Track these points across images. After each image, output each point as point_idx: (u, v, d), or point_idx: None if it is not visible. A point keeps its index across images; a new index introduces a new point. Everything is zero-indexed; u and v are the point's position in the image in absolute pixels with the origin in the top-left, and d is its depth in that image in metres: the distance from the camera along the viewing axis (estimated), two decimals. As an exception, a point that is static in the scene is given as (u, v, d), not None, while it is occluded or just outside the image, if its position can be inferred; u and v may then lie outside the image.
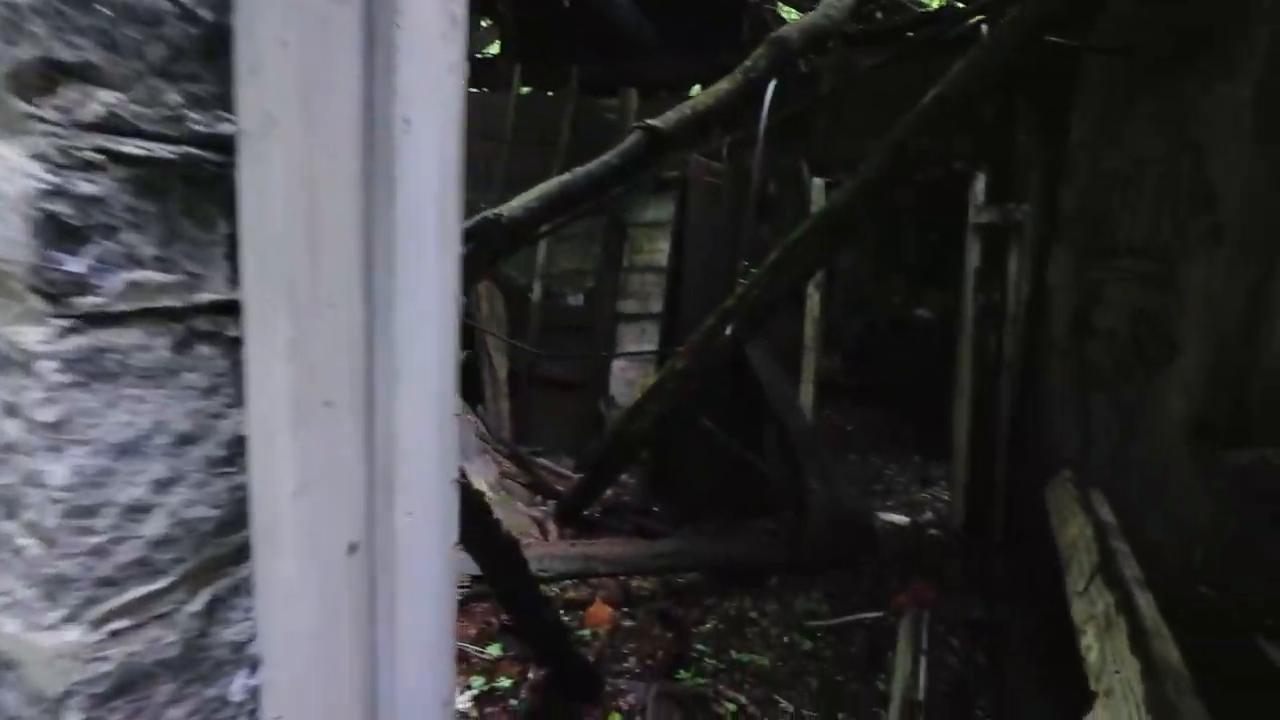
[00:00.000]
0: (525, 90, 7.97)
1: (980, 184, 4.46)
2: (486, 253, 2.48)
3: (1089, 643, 1.81)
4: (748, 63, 2.83)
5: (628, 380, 5.47)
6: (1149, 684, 1.48)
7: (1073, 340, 3.63)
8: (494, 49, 8.02)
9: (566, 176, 2.60)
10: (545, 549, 3.02)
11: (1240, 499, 2.34)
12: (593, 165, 2.57)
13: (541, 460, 4.81)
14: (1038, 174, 4.23)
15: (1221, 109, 2.58)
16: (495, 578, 2.25)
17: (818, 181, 5.13)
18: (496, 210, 2.42)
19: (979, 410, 4.14)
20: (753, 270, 3.55)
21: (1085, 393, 3.38)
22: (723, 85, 2.75)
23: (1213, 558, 2.35)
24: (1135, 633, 1.67)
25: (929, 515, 4.72)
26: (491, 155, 6.13)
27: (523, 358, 5.57)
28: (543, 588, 2.74)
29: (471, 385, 5.41)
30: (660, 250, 5.48)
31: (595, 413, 5.38)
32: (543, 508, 4.31)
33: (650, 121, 2.50)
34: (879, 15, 6.01)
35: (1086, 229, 3.67)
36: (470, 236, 2.47)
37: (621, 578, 3.06)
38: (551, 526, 3.90)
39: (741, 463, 4.22)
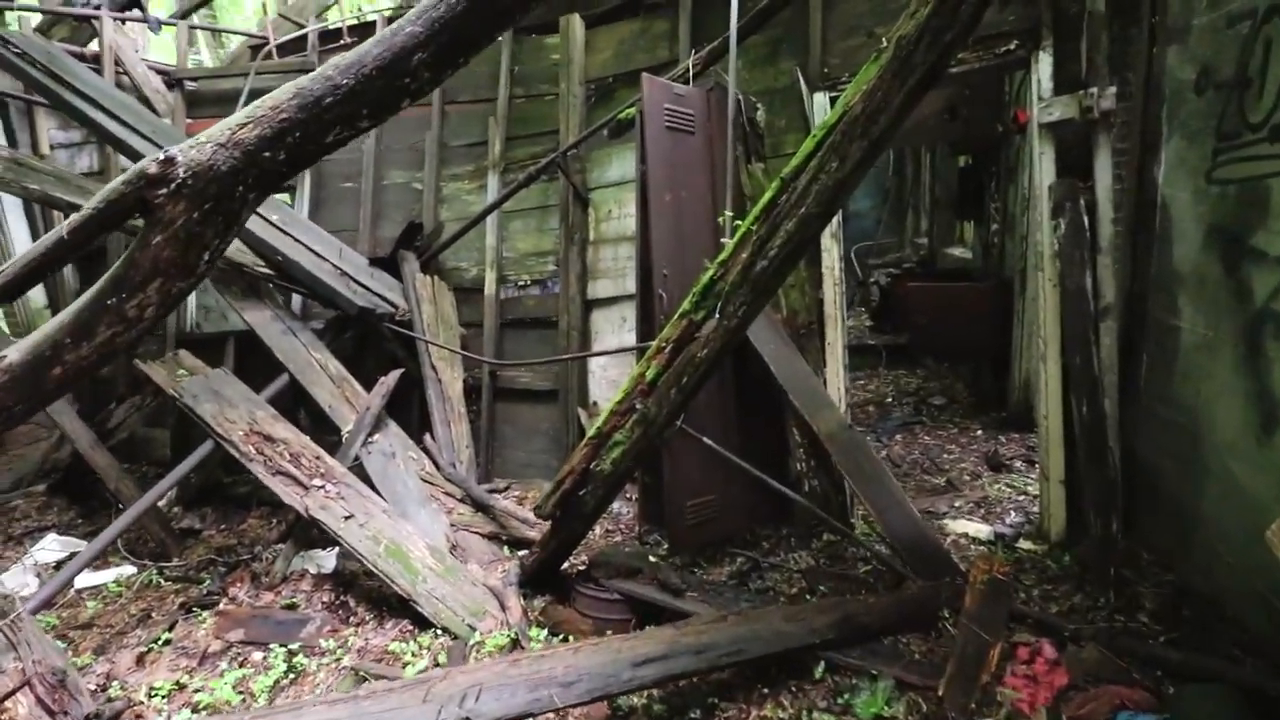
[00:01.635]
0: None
1: (1044, 67, 3.26)
2: None
3: None
4: None
5: (610, 380, 4.41)
6: None
7: (1212, 270, 2.48)
8: None
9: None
10: (472, 676, 2.03)
11: None
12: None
13: (505, 502, 3.81)
14: (1129, 39, 3.04)
15: None
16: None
17: (820, 98, 3.95)
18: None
19: (1071, 378, 3.01)
20: (738, 223, 2.46)
21: (1255, 348, 2.25)
22: None
23: None
24: None
25: (1014, 518, 3.63)
26: (421, 125, 5.03)
27: (478, 366, 4.54)
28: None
29: (417, 407, 4.41)
30: (631, 215, 4.37)
31: (576, 424, 4.35)
32: (506, 567, 3.32)
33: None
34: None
35: (1215, 105, 2.49)
36: None
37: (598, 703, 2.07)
38: (513, 601, 2.91)
39: (751, 482, 3.16)
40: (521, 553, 3.56)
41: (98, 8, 5.09)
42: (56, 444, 4.97)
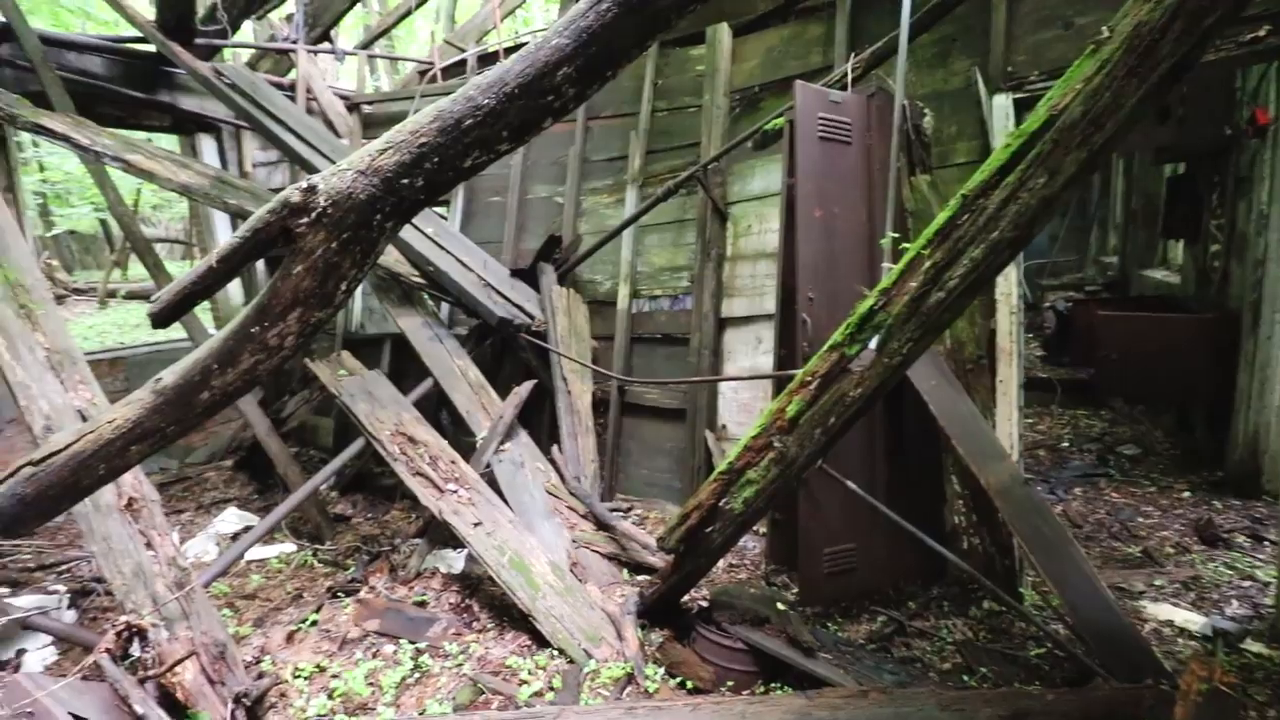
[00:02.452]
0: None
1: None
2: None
3: None
4: None
5: (741, 404, 4.19)
6: None
7: None
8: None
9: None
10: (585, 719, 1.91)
11: None
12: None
13: (628, 523, 3.70)
14: None
15: None
16: None
17: (1000, 100, 3.49)
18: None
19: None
20: (905, 245, 2.15)
21: None
22: None
23: None
24: None
25: (1237, 608, 2.92)
26: (565, 141, 5.13)
27: (608, 380, 4.51)
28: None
29: (547, 418, 4.46)
30: (773, 230, 4.12)
31: (703, 447, 4.17)
32: (624, 593, 3.21)
33: None
34: None
35: None
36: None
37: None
38: (630, 632, 2.78)
39: (898, 532, 2.79)
40: (641, 578, 3.44)
41: (295, 42, 5.74)
42: (243, 425, 5.64)
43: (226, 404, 1.57)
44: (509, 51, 6.08)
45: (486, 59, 6.00)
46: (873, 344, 2.03)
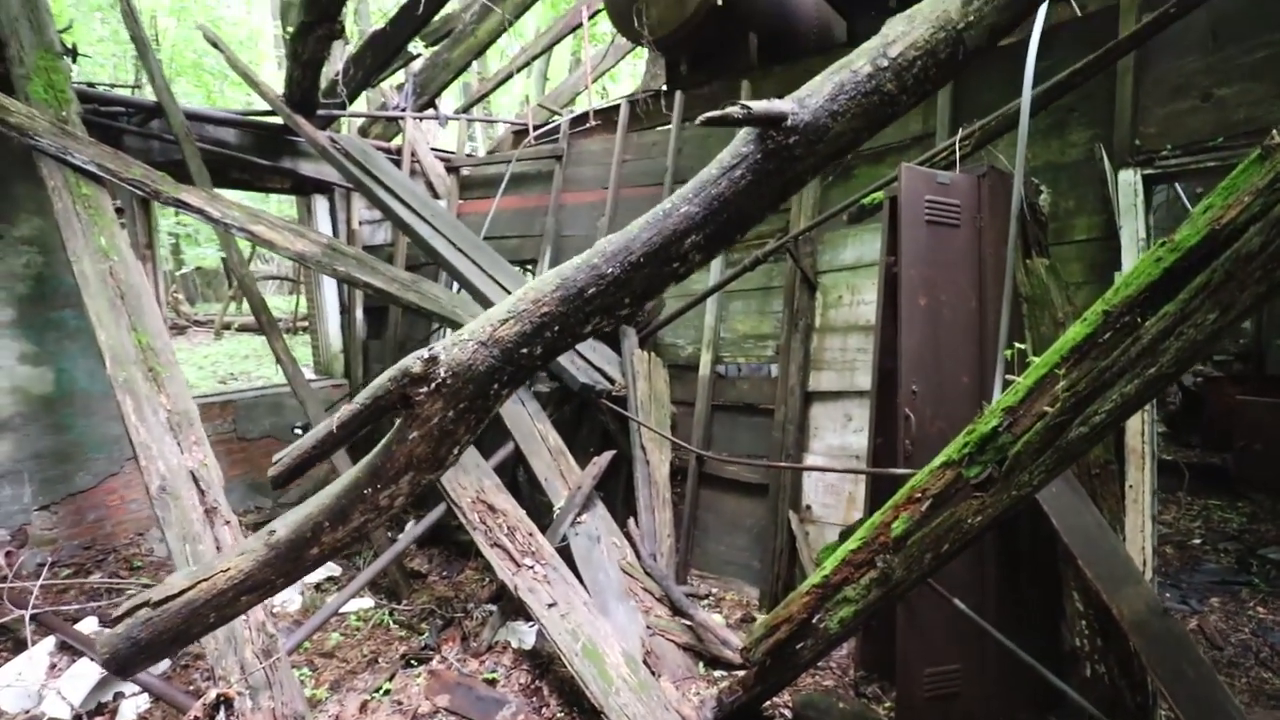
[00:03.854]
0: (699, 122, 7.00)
1: None
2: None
3: None
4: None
5: (828, 484, 3.97)
6: None
7: None
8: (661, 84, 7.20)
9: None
10: None
11: None
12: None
13: (705, 612, 3.54)
14: None
15: None
16: None
17: (1127, 175, 3.22)
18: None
19: None
20: (1024, 351, 1.93)
21: None
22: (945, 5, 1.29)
23: None
24: None
25: None
26: (655, 203, 5.16)
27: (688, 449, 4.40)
28: None
29: (623, 484, 4.38)
30: (866, 302, 3.95)
31: (785, 528, 3.97)
32: (701, 692, 3.03)
33: (763, 106, 1.12)
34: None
35: None
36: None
37: None
38: (707, 742, 2.60)
39: (1009, 654, 2.50)
40: (718, 673, 3.26)
41: (404, 110, 6.13)
42: (332, 469, 5.88)
43: (334, 557, 1.58)
44: (599, 114, 6.25)
45: (578, 120, 6.19)
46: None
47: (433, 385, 1.32)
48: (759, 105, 1.21)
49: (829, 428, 4.03)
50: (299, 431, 5.35)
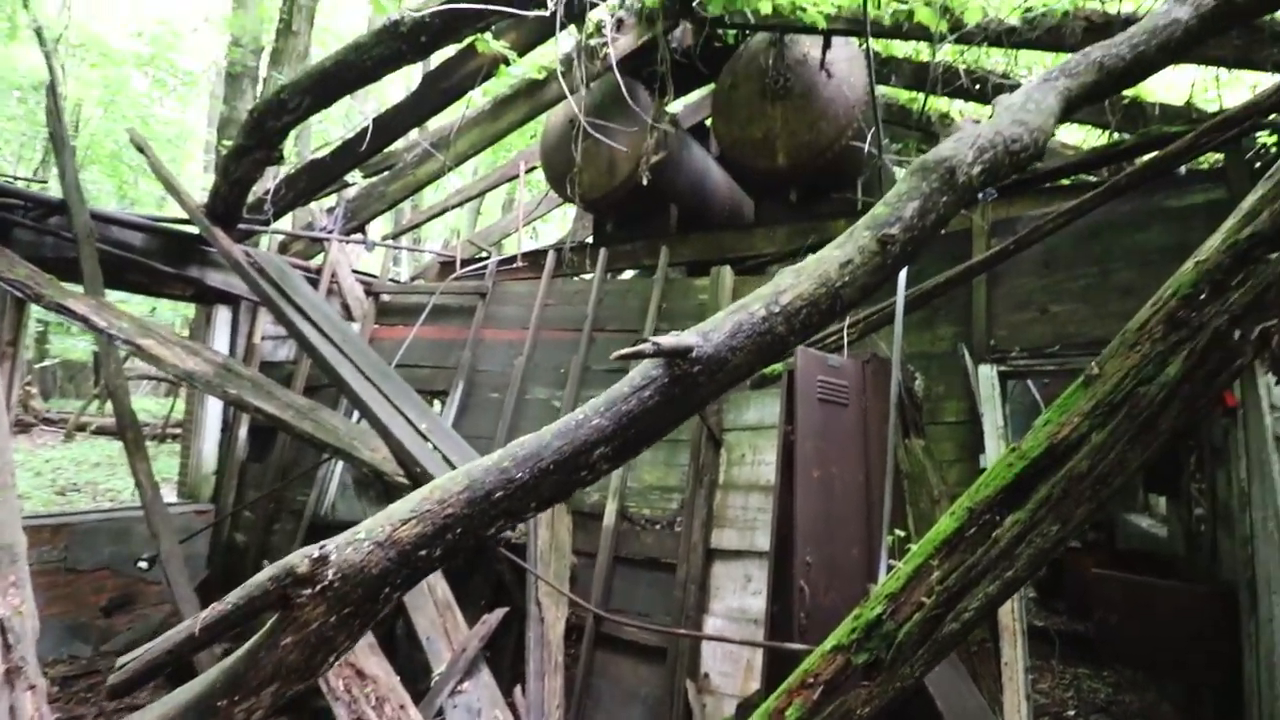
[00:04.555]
0: (626, 276, 7.49)
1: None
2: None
3: None
4: (882, 208, 1.64)
5: (727, 651, 3.87)
6: None
7: None
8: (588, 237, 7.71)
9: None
10: None
11: None
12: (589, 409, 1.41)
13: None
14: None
15: None
16: None
17: (985, 370, 3.69)
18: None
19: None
20: (910, 545, 2.08)
21: None
22: (836, 254, 1.54)
23: None
24: None
25: None
26: (570, 348, 5.32)
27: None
28: None
29: (513, 640, 4.07)
30: (766, 463, 4.12)
31: (682, 700, 3.77)
32: None
33: (671, 340, 1.30)
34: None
35: None
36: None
37: None
38: None
39: None
40: None
41: (331, 232, 6.18)
42: (173, 611, 5.12)
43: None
44: (526, 256, 6.56)
45: (505, 262, 6.45)
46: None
47: (318, 587, 1.23)
48: (667, 340, 1.36)
49: (729, 588, 4.01)
50: (143, 566, 4.68)
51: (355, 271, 6.46)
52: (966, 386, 3.76)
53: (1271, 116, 2.83)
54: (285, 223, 6.88)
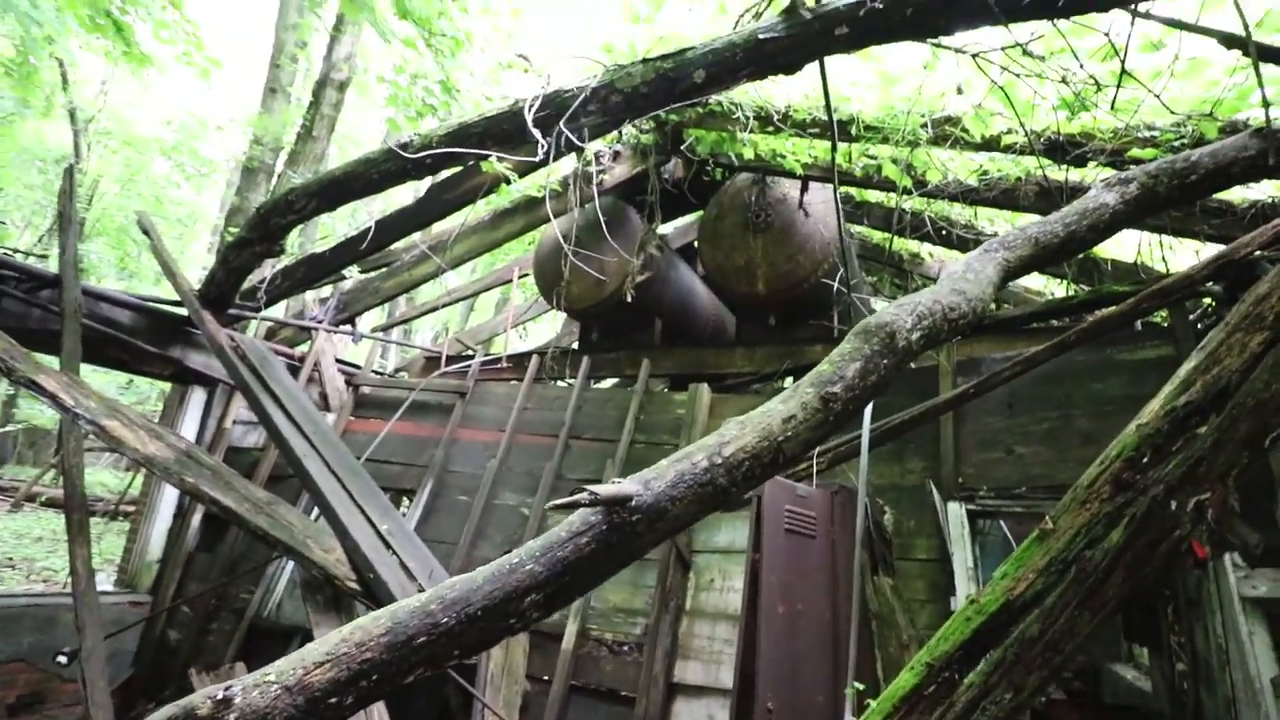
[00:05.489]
0: (607, 384, 7.59)
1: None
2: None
3: None
4: (826, 367, 1.73)
5: (682, 801, 3.55)
6: None
7: None
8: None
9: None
10: None
11: None
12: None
13: None
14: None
15: None
16: None
17: (954, 508, 3.69)
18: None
19: None
20: (869, 701, 1.99)
21: None
22: (781, 409, 1.61)
23: None
24: None
25: None
26: (544, 454, 5.28)
27: (534, 740, 3.89)
28: None
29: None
30: (735, 589, 3.99)
31: None
32: None
33: (610, 489, 1.32)
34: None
35: None
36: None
37: None
38: None
39: None
40: None
41: (320, 322, 6.27)
42: (86, 715, 4.66)
43: None
44: (511, 358, 6.65)
45: (489, 362, 6.52)
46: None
47: (217, 731, 1.15)
48: (606, 489, 1.39)
49: (689, 728, 3.74)
50: (62, 661, 4.31)
51: (339, 361, 6.49)
52: (937, 523, 3.74)
53: (1207, 285, 3.05)
54: (278, 308, 6.99)
